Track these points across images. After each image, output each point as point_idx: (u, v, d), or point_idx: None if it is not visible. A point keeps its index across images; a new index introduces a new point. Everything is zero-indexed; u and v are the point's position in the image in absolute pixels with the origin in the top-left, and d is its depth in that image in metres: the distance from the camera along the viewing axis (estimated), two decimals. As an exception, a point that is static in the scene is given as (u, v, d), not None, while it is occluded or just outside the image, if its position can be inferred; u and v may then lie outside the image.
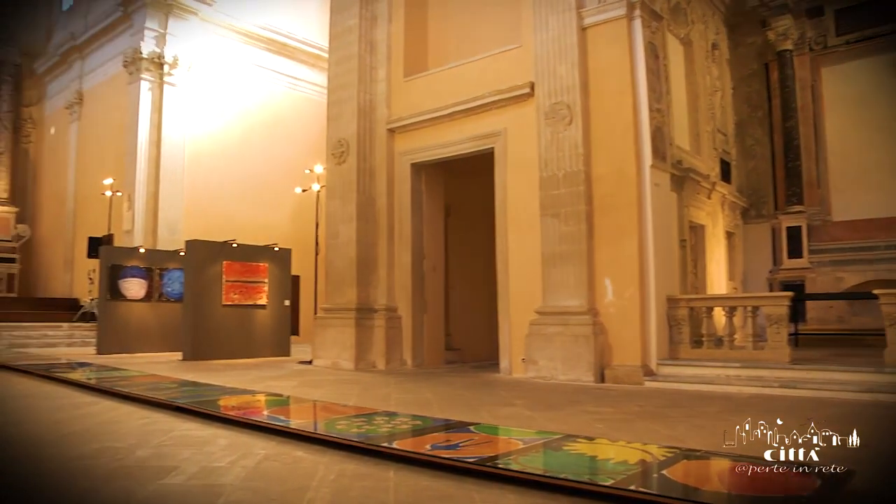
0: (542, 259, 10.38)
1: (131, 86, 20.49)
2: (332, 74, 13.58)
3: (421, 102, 12.40)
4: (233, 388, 8.74)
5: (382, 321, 12.36)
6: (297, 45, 23.10)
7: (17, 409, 7.08)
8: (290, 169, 20.24)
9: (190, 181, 20.36)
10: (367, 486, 3.89)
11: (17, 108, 28.20)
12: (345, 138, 12.94)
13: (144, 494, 3.68)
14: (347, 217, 12.71)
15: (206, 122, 20.99)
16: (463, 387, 9.30)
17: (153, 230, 19.72)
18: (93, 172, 22.71)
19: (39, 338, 18.15)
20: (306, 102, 22.50)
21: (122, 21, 21.66)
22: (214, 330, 14.10)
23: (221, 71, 21.61)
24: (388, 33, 13.13)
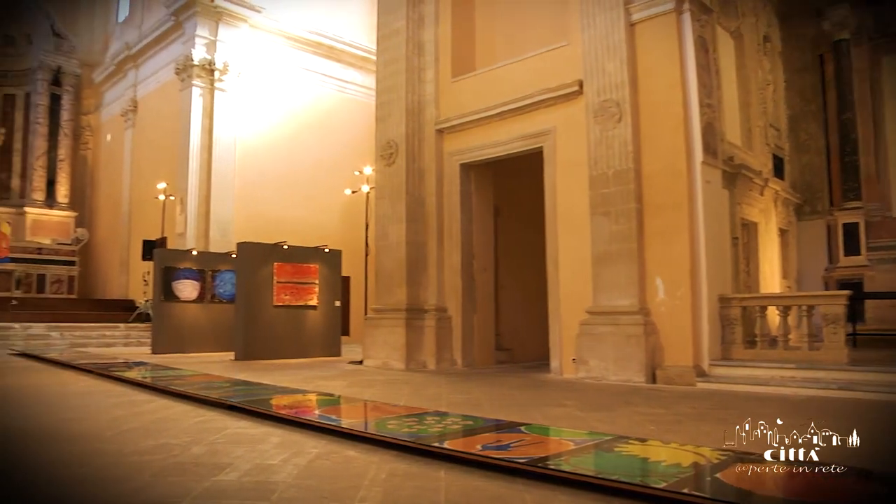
0: (592, 258, 10.27)
1: (183, 92, 20.89)
2: (380, 76, 13.65)
3: (469, 102, 12.39)
4: (284, 387, 8.83)
5: (432, 321, 12.38)
6: (344, 47, 23.29)
7: (78, 405, 7.24)
8: (339, 171, 20.40)
9: (241, 184, 20.66)
10: (417, 485, 3.89)
11: (77, 117, 29.03)
12: (393, 139, 12.99)
13: (199, 490, 3.74)
14: (397, 218, 12.76)
15: (256, 126, 21.27)
16: (513, 387, 9.26)
17: (205, 233, 20.05)
18: (147, 177, 23.23)
19: (98, 338, 18.66)
20: (354, 104, 22.66)
21: (174, 30, 22.14)
22: (266, 330, 14.26)
23: (271, 75, 21.88)
24: (436, 34, 13.14)
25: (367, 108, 17.65)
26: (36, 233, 26.78)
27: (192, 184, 20.14)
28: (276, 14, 21.77)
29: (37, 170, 27.76)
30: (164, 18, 22.42)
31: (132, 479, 4.00)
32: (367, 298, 15.02)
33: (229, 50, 20.98)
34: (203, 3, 20.56)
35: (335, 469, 4.29)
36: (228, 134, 20.68)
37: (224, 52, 20.85)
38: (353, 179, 17.68)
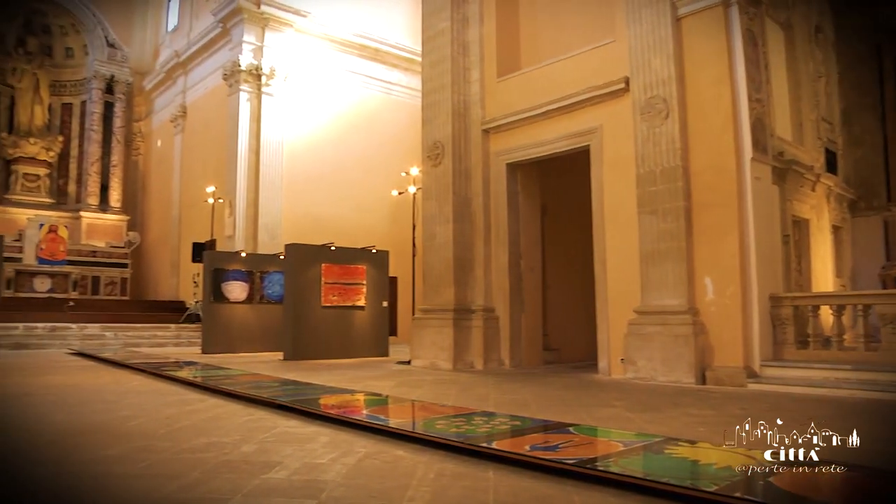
0: (640, 257, 10.15)
1: (231, 97, 21.19)
2: (426, 77, 13.68)
3: (515, 102, 12.34)
4: (332, 387, 8.88)
5: (480, 321, 12.36)
6: (389, 49, 23.42)
7: (132, 403, 7.38)
8: (386, 172, 20.53)
9: (288, 186, 20.89)
10: (466, 485, 3.89)
11: (129, 124, 29.76)
12: (440, 140, 13.01)
13: (250, 487, 3.78)
14: (444, 218, 12.77)
15: (303, 129, 21.49)
16: (561, 387, 9.20)
17: (253, 235, 20.31)
18: (196, 181, 23.64)
19: (150, 338, 19.05)
20: (400, 106, 22.76)
21: (221, 36, 22.52)
22: (314, 331, 14.38)
23: (317, 79, 22.08)
24: (480, 34, 13.13)
25: (412, 110, 17.73)
26: (91, 236, 27.45)
27: (241, 187, 20.43)
28: (321, 18, 21.98)
29: (91, 175, 28.49)
30: (212, 26, 22.82)
31: (185, 475, 4.06)
32: (415, 299, 15.06)
33: (275, 54, 21.24)
34: (249, 9, 20.86)
35: (384, 468, 4.30)
36: (276, 137, 20.93)
37: (270, 57, 21.12)
38: (400, 180, 17.75)
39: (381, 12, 23.51)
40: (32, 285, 23.69)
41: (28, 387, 8.95)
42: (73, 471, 4.24)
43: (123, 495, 3.67)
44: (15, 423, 6.05)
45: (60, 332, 18.28)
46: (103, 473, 4.15)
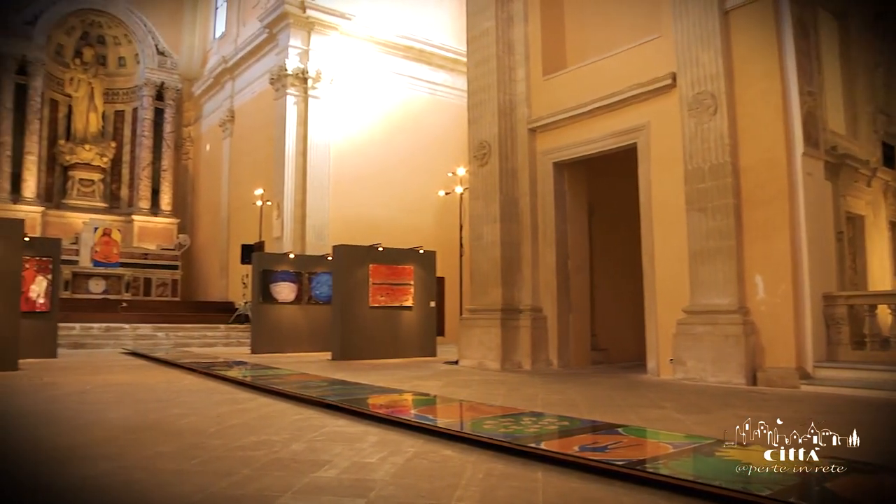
0: (688, 256, 9.99)
1: (278, 101, 21.45)
2: (472, 77, 13.66)
3: (561, 100, 12.26)
4: (381, 387, 8.90)
5: (528, 321, 12.30)
6: (434, 50, 23.47)
7: (184, 401, 7.50)
8: (432, 172, 20.59)
9: (335, 188, 21.06)
10: (514, 485, 3.87)
11: (178, 129, 30.38)
12: (486, 140, 12.98)
13: (300, 486, 3.81)
14: (491, 218, 12.74)
15: (350, 131, 21.64)
16: (610, 388, 9.11)
17: (301, 236, 20.52)
18: (244, 184, 23.95)
19: (200, 338, 19.36)
20: (446, 106, 22.80)
21: (268, 42, 22.83)
22: (362, 331, 14.45)
23: (362, 81, 22.23)
24: (525, 33, 13.07)
25: (458, 110, 17.75)
26: (142, 239, 28.02)
27: (289, 189, 20.66)
28: (366, 20, 22.12)
29: (143, 180, 29.09)
30: (259, 32, 23.14)
31: (236, 472, 4.12)
32: (462, 299, 15.05)
33: (321, 58, 21.44)
34: (295, 14, 21.09)
35: (432, 468, 4.29)
36: (322, 139, 21.13)
37: (316, 61, 21.32)
38: (447, 181, 17.78)
39: (425, 13, 23.59)
40: (88, 287, 24.25)
41: (85, 384, 9.16)
42: (130, 466, 4.32)
43: (177, 491, 3.72)
44: (74, 420, 6.19)
45: (114, 332, 18.70)
46: (158, 469, 4.22)
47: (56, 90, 28.60)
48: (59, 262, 14.35)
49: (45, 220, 26.70)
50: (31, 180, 26.96)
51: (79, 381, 9.54)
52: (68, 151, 28.33)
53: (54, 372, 10.94)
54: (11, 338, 11.30)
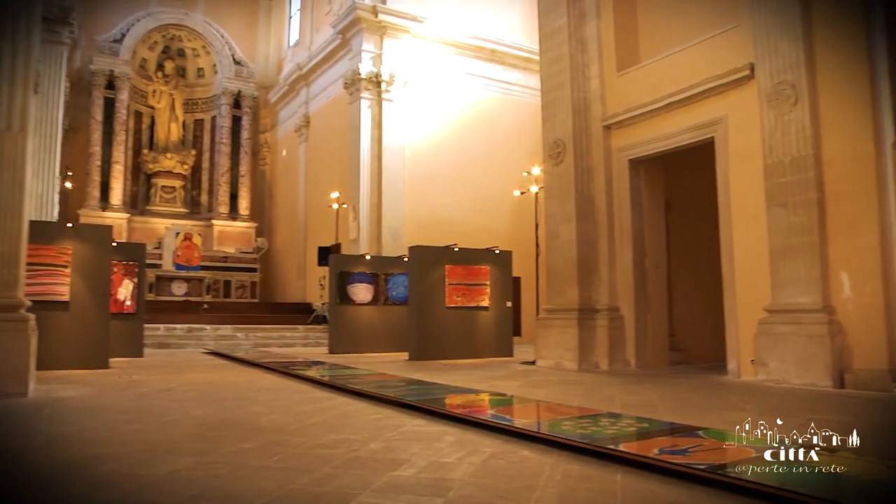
0: (769, 253, 9.61)
1: (352, 105, 21.71)
2: (545, 75, 13.55)
3: (635, 96, 12.05)
4: (458, 387, 8.88)
5: (605, 321, 12.12)
6: (506, 50, 23.40)
7: (265, 400, 7.61)
8: (507, 172, 20.54)
9: (410, 190, 21.19)
10: (593, 488, 3.80)
11: (255, 135, 31.10)
12: (560, 138, 12.85)
13: (379, 484, 3.81)
14: (566, 217, 12.60)
15: (424, 133, 21.74)
16: (689, 389, 8.87)
17: (377, 238, 20.70)
18: (320, 187, 24.34)
19: (278, 338, 19.74)
20: (520, 106, 22.71)
21: (341, 47, 23.15)
22: (438, 331, 14.48)
23: (435, 83, 22.32)
24: (598, 29, 12.87)
25: (532, 109, 17.65)
26: (222, 243, 28.75)
27: (364, 191, 20.88)
28: (437, 22, 22.20)
29: (221, 186, 29.86)
30: (332, 38, 23.48)
31: (316, 469, 4.15)
32: (539, 299, 14.94)
33: (394, 61, 21.60)
34: (368, 19, 21.30)
35: (510, 468, 4.26)
36: (397, 141, 21.28)
37: (389, 64, 21.50)
38: (522, 180, 17.70)
39: (496, 13, 23.54)
40: (170, 289, 24.98)
41: (170, 383, 9.42)
42: (213, 461, 4.40)
43: (259, 486, 3.77)
44: (161, 416, 6.36)
45: (196, 333, 19.22)
46: (240, 465, 4.29)
47: (140, 102, 29.70)
48: (144, 265, 14.81)
49: (130, 226, 27.68)
50: (118, 188, 28.00)
51: (164, 380, 9.82)
52: (151, 160, 29.37)
53: (141, 370, 11.29)
54: (102, 338, 11.79)
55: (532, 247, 15.66)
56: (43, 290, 11.09)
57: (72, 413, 6.69)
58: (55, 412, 6.71)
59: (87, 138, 27.53)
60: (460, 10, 22.78)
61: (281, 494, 3.61)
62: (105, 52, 27.99)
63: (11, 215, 7.95)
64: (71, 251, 11.67)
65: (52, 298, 11.29)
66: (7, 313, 7.84)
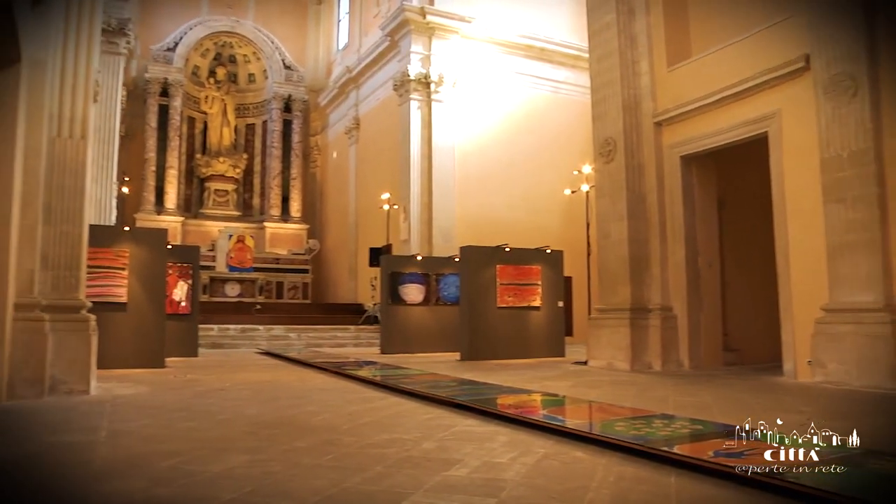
0: (826, 250, 9.32)
1: (402, 107, 21.80)
2: (594, 73, 13.43)
3: (686, 92, 11.85)
4: (509, 387, 8.85)
5: (657, 321, 11.95)
6: (555, 48, 23.24)
7: (317, 400, 7.69)
8: (557, 171, 20.45)
9: (461, 190, 21.20)
10: (646, 490, 3.76)
11: (306, 139, 31.49)
12: (611, 136, 12.72)
13: (431, 484, 3.82)
14: (618, 216, 12.47)
15: (473, 133, 21.73)
16: (744, 390, 8.69)
17: (428, 238, 20.75)
18: (371, 188, 24.49)
19: (330, 339, 19.92)
20: (569, 104, 22.54)
21: (390, 49, 23.26)
22: (490, 331, 14.45)
23: (484, 82, 22.29)
24: (647, 24, 12.70)
25: (582, 107, 17.48)
26: (274, 245, 29.13)
27: (415, 192, 20.96)
28: (485, 22, 22.17)
29: (273, 188, 30.26)
30: (381, 40, 23.62)
31: (368, 469, 4.18)
32: (590, 298, 14.83)
33: (443, 62, 21.63)
34: (416, 20, 21.37)
35: (563, 469, 4.23)
36: (447, 142, 21.32)
37: (438, 65, 21.53)
38: (572, 179, 17.60)
39: (544, 11, 23.41)
40: (224, 290, 25.37)
41: (225, 382, 9.58)
42: (267, 459, 4.46)
43: (312, 484, 3.81)
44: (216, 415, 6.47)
45: (249, 333, 19.48)
46: (294, 463, 4.34)
47: (193, 108, 30.26)
48: (198, 267, 15.08)
49: (184, 229, 28.20)
50: (172, 192, 28.57)
51: (218, 379, 9.98)
52: (204, 164, 29.91)
53: (196, 369, 11.51)
54: (158, 338, 12.08)
55: (583, 246, 15.56)
56: (102, 292, 11.37)
57: (131, 410, 6.85)
58: (115, 409, 6.90)
59: (142, 144, 28.17)
60: (508, 8, 22.71)
61: (334, 493, 3.64)
62: (159, 61, 28.62)
63: (73, 220, 8.23)
64: (128, 254, 11.96)
65: (110, 300, 11.59)
66: (70, 314, 8.13)
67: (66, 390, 7.79)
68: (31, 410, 6.76)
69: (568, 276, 16.79)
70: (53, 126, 8.15)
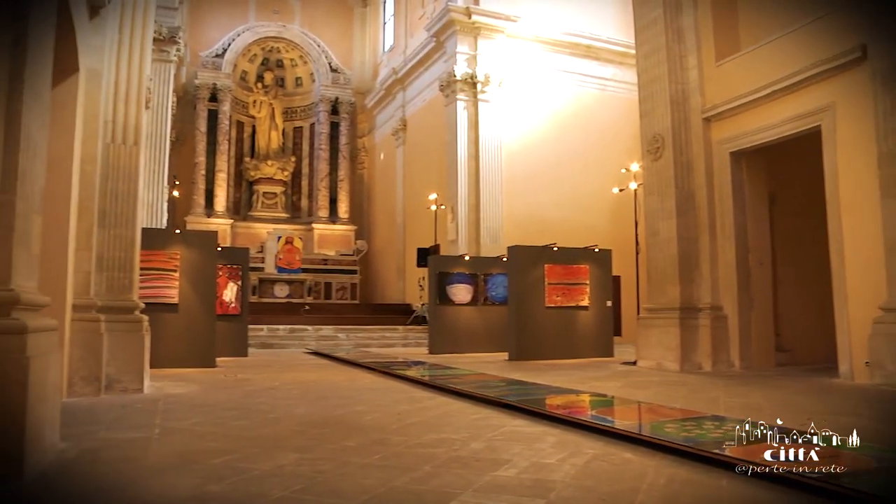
0: (884, 247, 9.02)
1: (448, 107, 21.82)
2: (641, 69, 13.28)
3: (736, 86, 11.64)
4: (558, 387, 8.81)
5: (707, 320, 11.78)
6: (601, 45, 23.04)
7: (366, 399, 7.75)
8: (605, 169, 20.30)
9: (508, 189, 21.15)
10: (698, 494, 3.71)
11: (353, 140, 31.75)
12: (659, 133, 12.56)
13: (480, 483, 3.82)
14: (666, 214, 12.32)
15: (520, 132, 21.66)
16: (797, 392, 8.50)
17: (476, 238, 20.74)
18: (418, 189, 24.59)
19: (379, 339, 20.01)
20: (616, 101, 22.34)
21: (436, 50, 23.31)
22: (538, 331, 14.39)
23: (530, 81, 22.20)
24: (695, 18, 12.50)
25: (629, 104, 17.33)
26: (322, 246, 29.43)
27: (462, 192, 20.97)
28: (531, 21, 22.08)
29: (321, 190, 30.56)
30: (426, 41, 23.69)
31: (417, 468, 4.20)
32: (639, 298, 14.68)
33: (489, 61, 21.59)
34: (461, 21, 21.36)
35: (612, 471, 4.20)
36: (493, 142, 21.29)
37: (484, 65, 21.49)
38: (620, 177, 17.44)
39: (590, 8, 23.22)
40: (273, 291, 25.67)
41: (274, 381, 9.70)
42: (317, 457, 4.50)
43: (362, 483, 3.84)
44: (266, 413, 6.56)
45: (298, 333, 19.70)
46: (343, 462, 4.37)
47: (241, 112, 30.76)
48: (248, 269, 15.30)
49: (233, 232, 28.69)
50: (222, 195, 29.07)
51: (268, 378, 10.11)
52: (253, 168, 30.35)
53: (246, 369, 11.67)
54: (209, 338, 12.31)
55: (632, 245, 15.40)
56: (154, 293, 11.61)
57: (183, 408, 6.97)
58: (168, 407, 7.03)
59: (192, 149, 28.76)
60: (553, 6, 22.57)
61: (383, 492, 3.66)
62: (208, 67, 29.22)
63: (126, 223, 8.47)
64: (179, 256, 12.20)
65: (162, 301, 11.82)
66: (124, 314, 8.37)
67: (120, 388, 8.02)
68: (88, 407, 6.94)
69: (616, 276, 16.63)
70: (108, 133, 8.42)
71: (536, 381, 9.38)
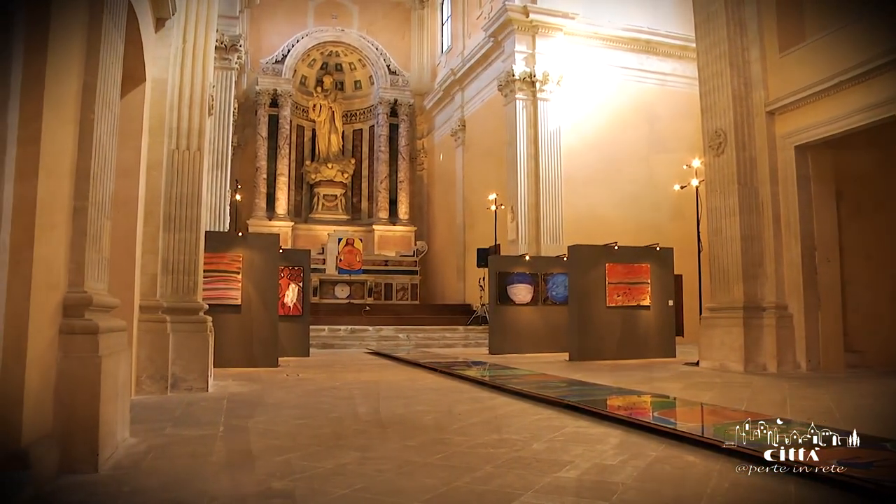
0: None
1: (507, 106, 21.75)
2: (702, 63, 13.04)
3: (800, 78, 11.31)
4: (619, 388, 8.76)
5: (772, 320, 11.51)
6: (660, 40, 22.66)
7: (427, 399, 7.80)
8: (666, 167, 19.97)
9: (568, 188, 20.97)
10: (764, 499, 3.66)
11: (412, 142, 31.91)
12: (721, 128, 12.32)
13: (541, 485, 3.82)
14: (729, 211, 12.08)
15: (579, 130, 21.47)
16: (868, 395, 8.26)
17: (536, 238, 20.63)
18: (477, 189, 24.59)
19: (439, 339, 20.09)
20: (677, 96, 21.96)
21: (493, 50, 23.26)
22: (599, 331, 14.29)
23: (589, 79, 21.99)
24: (758, 8, 12.18)
25: (690, 99, 17.01)
26: (382, 247, 29.66)
27: (521, 192, 20.87)
28: (588, 17, 21.86)
29: (380, 192, 30.80)
30: (484, 41, 23.65)
31: (478, 468, 4.21)
32: (702, 297, 14.44)
33: (547, 60, 21.45)
34: (519, 20, 21.27)
35: (675, 474, 4.16)
36: (553, 140, 21.14)
37: (542, 63, 21.36)
38: (682, 174, 17.15)
39: (648, 3, 22.86)
40: (334, 292, 25.98)
41: (336, 381, 9.84)
42: (378, 456, 4.56)
43: (423, 483, 3.87)
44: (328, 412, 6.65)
45: (359, 334, 19.88)
46: (404, 461, 4.41)
47: (301, 117, 31.18)
48: (309, 270, 15.51)
49: (294, 234, 29.08)
50: (283, 198, 29.52)
51: (329, 378, 10.27)
52: (313, 171, 30.76)
53: (308, 369, 11.83)
54: (272, 338, 12.52)
55: (694, 243, 15.13)
56: (218, 295, 11.86)
57: (246, 407, 7.11)
58: (232, 406, 7.19)
59: (253, 153, 29.26)
60: (611, 2, 22.33)
61: (444, 492, 3.69)
62: (268, 73, 29.69)
63: (191, 226, 8.70)
64: (242, 258, 12.44)
65: (226, 302, 12.08)
66: (188, 315, 8.60)
67: (186, 387, 8.25)
68: (156, 405, 7.14)
69: (678, 275, 16.38)
70: (172, 140, 8.68)
71: (597, 382, 9.33)
